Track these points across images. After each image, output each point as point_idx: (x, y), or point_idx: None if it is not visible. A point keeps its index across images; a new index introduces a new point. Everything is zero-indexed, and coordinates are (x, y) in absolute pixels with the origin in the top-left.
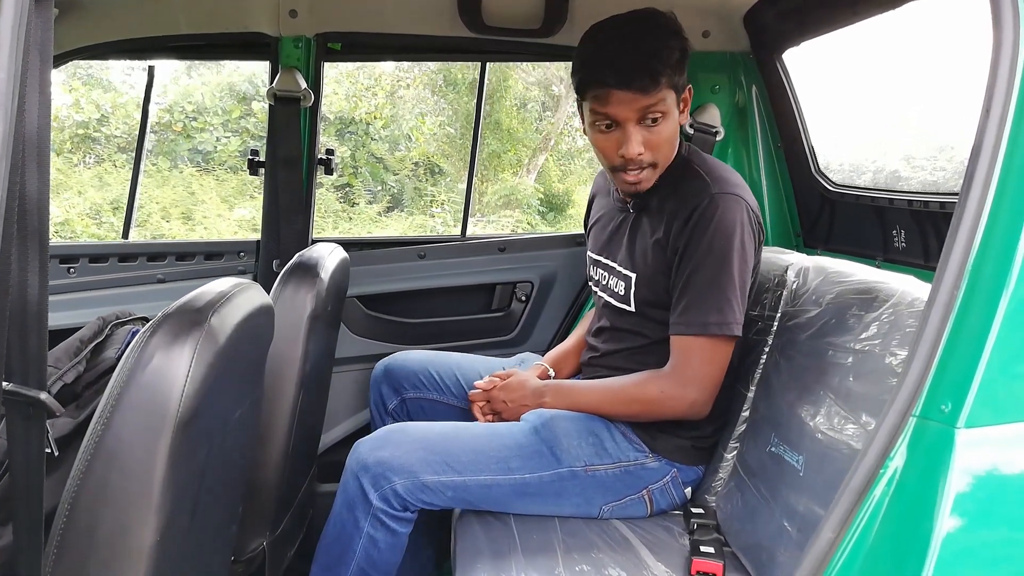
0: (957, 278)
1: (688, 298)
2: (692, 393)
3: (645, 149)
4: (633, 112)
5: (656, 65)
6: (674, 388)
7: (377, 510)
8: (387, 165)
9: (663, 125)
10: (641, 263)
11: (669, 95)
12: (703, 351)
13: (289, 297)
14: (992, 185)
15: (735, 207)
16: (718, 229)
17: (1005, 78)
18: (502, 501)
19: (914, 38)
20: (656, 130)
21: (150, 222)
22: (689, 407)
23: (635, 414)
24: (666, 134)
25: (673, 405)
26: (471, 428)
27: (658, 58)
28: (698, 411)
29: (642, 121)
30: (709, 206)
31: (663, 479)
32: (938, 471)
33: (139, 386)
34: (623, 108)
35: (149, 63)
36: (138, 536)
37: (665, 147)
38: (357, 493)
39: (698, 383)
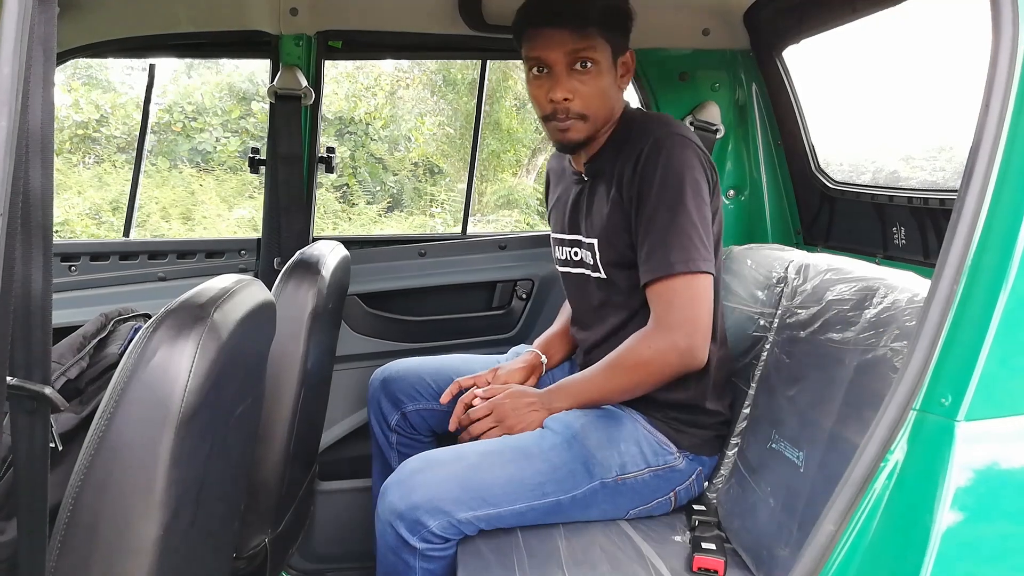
0: (957, 272)
1: (649, 244)
2: (680, 340)
3: (573, 96)
4: (561, 54)
5: (586, 8)
6: (660, 340)
7: (423, 550)
8: (387, 165)
9: (593, 74)
10: (600, 226)
11: (601, 45)
12: (676, 293)
13: (290, 295)
14: (991, 180)
15: (681, 145)
16: (667, 168)
17: (1004, 73)
18: (532, 521)
19: (914, 36)
20: (586, 78)
21: (149, 222)
22: (681, 356)
23: (640, 382)
24: (597, 85)
25: (666, 359)
26: (502, 455)
27: (591, 3)
28: (693, 358)
29: (572, 66)
30: (654, 147)
31: (689, 479)
32: (938, 464)
33: (142, 382)
34: (552, 47)
35: (150, 62)
36: (141, 531)
37: (595, 99)
38: (396, 540)
39: (681, 328)
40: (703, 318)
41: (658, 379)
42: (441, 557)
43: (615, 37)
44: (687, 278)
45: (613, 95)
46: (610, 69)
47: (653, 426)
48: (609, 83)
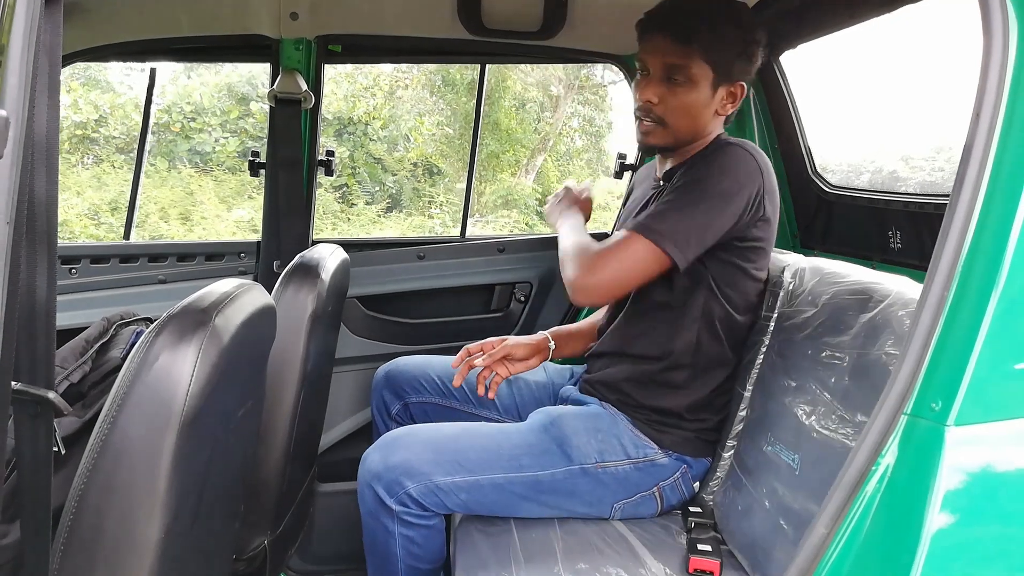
0: (948, 278)
1: (649, 211)
2: (582, 275)
3: (659, 101)
4: (659, 62)
5: (696, 25)
6: (580, 264)
7: (399, 513)
8: (386, 166)
9: (685, 90)
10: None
11: (699, 65)
12: (625, 246)
13: (290, 298)
14: (982, 187)
15: (740, 155)
16: (711, 167)
17: (995, 83)
18: (516, 503)
19: (910, 41)
20: (676, 90)
21: (148, 222)
22: (570, 285)
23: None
24: (684, 100)
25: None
26: (479, 428)
27: (702, 21)
28: (574, 293)
29: (667, 76)
30: (713, 150)
31: (674, 475)
32: (928, 468)
33: (145, 385)
34: (651, 54)
35: (150, 65)
36: (143, 533)
37: (680, 112)
38: (375, 502)
39: (594, 267)
40: (622, 280)
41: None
42: (421, 525)
43: (720, 64)
44: (645, 243)
45: (703, 115)
46: (707, 91)
47: (634, 424)
48: (701, 102)
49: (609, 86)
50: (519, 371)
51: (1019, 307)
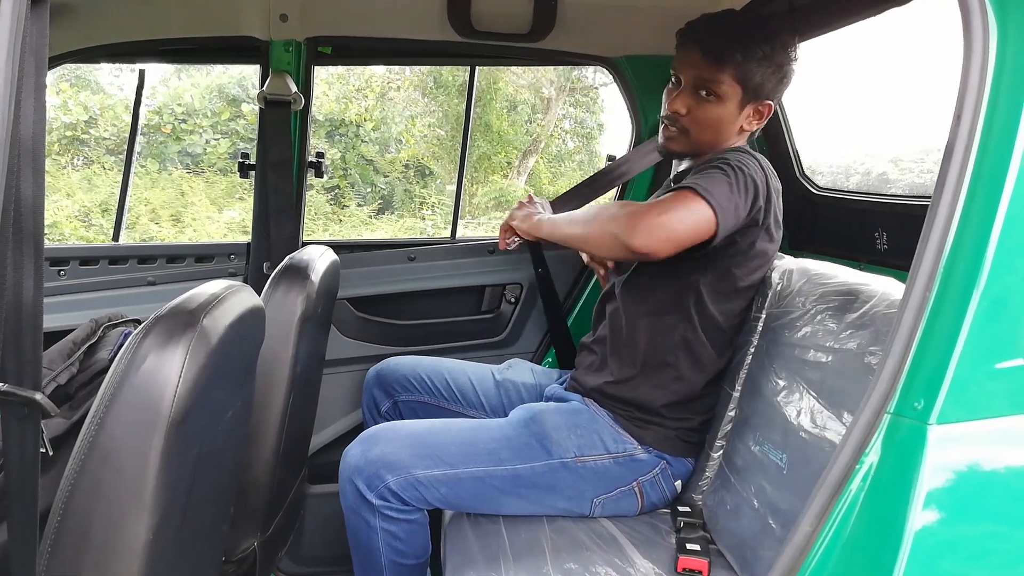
0: (929, 279)
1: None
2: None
3: (686, 112)
4: (690, 75)
5: (732, 46)
6: (627, 214)
7: (380, 508)
8: (377, 167)
9: (712, 105)
10: None
11: (730, 83)
12: (683, 200)
13: (280, 299)
14: (963, 189)
15: (752, 158)
16: (728, 157)
17: (975, 86)
18: (496, 497)
19: (899, 43)
20: (704, 105)
21: (139, 224)
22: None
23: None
24: (711, 113)
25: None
26: (459, 423)
27: (739, 44)
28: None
29: (696, 89)
30: (727, 151)
31: (653, 471)
32: (911, 466)
33: (132, 386)
34: (684, 66)
35: (140, 66)
36: (131, 534)
37: (705, 126)
38: (356, 496)
39: (644, 219)
40: (671, 227)
41: (601, 240)
42: (402, 520)
43: (750, 84)
44: (691, 195)
45: (726, 130)
46: (734, 107)
47: (615, 420)
48: (727, 118)
49: (600, 88)
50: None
51: (1000, 306)
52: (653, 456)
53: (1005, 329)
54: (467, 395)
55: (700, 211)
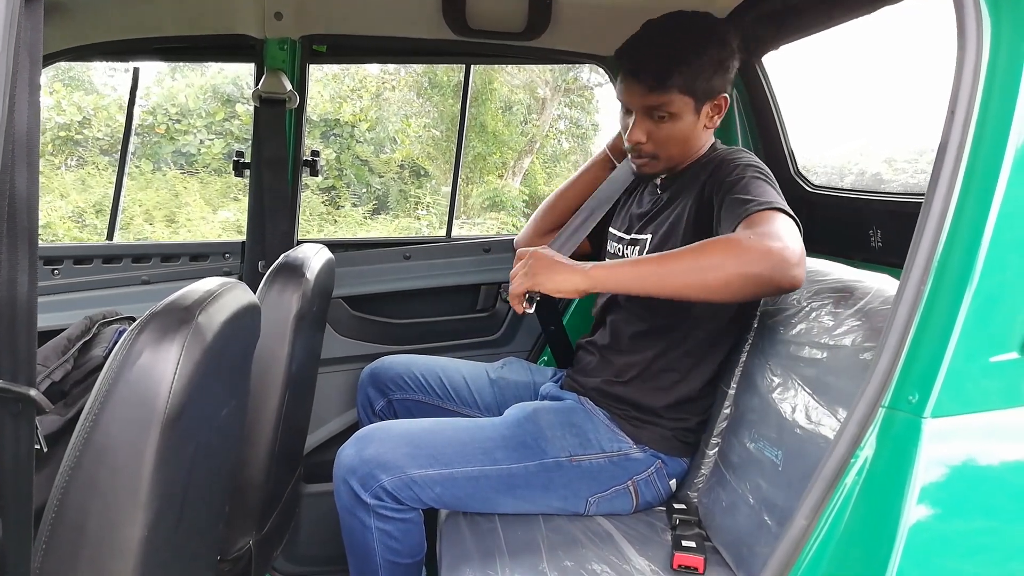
0: (924, 273)
1: (735, 199)
2: (777, 244)
3: (647, 139)
4: (637, 104)
5: (669, 67)
6: (760, 238)
7: (375, 507)
8: (372, 167)
9: (669, 124)
10: (658, 226)
11: (679, 99)
12: (771, 218)
13: (275, 297)
14: (957, 184)
15: (756, 158)
16: (741, 163)
17: (969, 80)
18: (491, 496)
19: (893, 44)
20: (662, 125)
21: (133, 224)
22: (778, 255)
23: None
24: (672, 132)
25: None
26: (454, 423)
27: (674, 61)
28: (788, 264)
29: (648, 113)
30: (729, 156)
31: (648, 470)
32: (906, 459)
33: (127, 383)
34: (631, 98)
35: (134, 65)
36: (126, 532)
37: (670, 145)
38: (351, 497)
39: (779, 238)
40: (796, 238)
41: (742, 263)
42: (397, 519)
43: (699, 90)
44: (773, 212)
45: (692, 138)
46: (690, 117)
47: (611, 419)
48: (688, 128)
49: (595, 88)
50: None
51: (994, 300)
52: (648, 455)
53: (999, 323)
54: (461, 393)
55: (793, 225)
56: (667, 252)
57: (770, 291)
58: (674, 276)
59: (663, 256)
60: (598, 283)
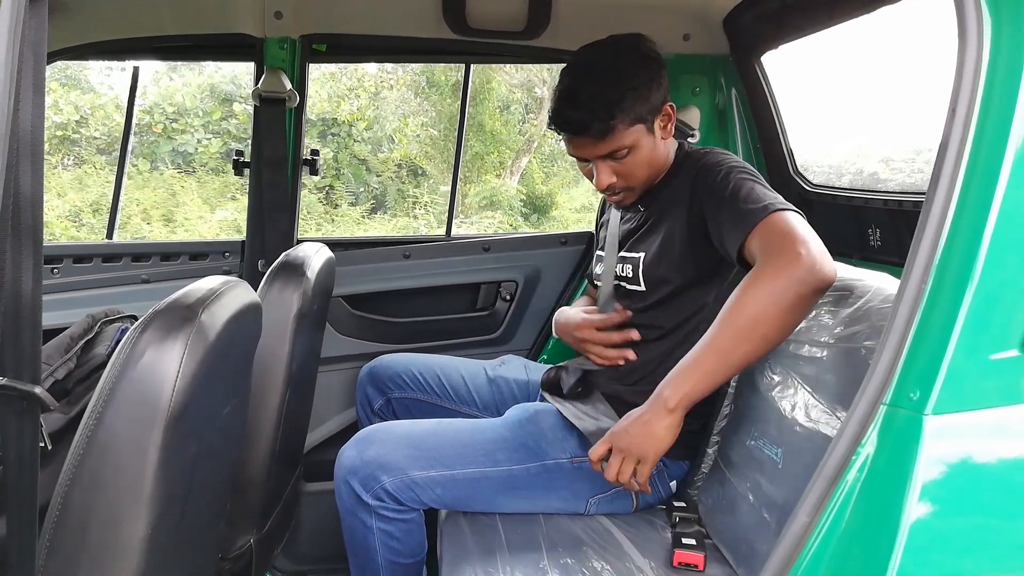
0: (925, 271)
1: (734, 209)
2: (801, 250)
3: (617, 177)
4: (593, 154)
5: (608, 113)
6: (776, 260)
7: (376, 508)
8: (370, 166)
9: (631, 157)
10: (648, 244)
11: (630, 132)
12: (778, 225)
13: (275, 296)
14: (958, 182)
15: (735, 158)
16: (723, 167)
17: (970, 79)
18: (491, 496)
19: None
20: (625, 162)
21: (131, 224)
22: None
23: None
24: (636, 162)
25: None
26: (455, 424)
27: (609, 105)
28: (818, 266)
29: (606, 158)
30: (707, 158)
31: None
32: (907, 457)
33: (131, 381)
34: (584, 150)
35: (133, 64)
36: (130, 529)
37: (638, 172)
38: (352, 497)
39: (791, 246)
40: (811, 236)
41: (780, 296)
42: (399, 520)
43: (645, 114)
44: (778, 215)
45: (657, 157)
46: (647, 141)
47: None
48: (649, 151)
49: None
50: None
51: (995, 298)
52: None
53: (999, 320)
54: (459, 392)
55: (797, 218)
56: (710, 333)
57: (819, 295)
58: (734, 351)
59: (710, 340)
60: (681, 406)
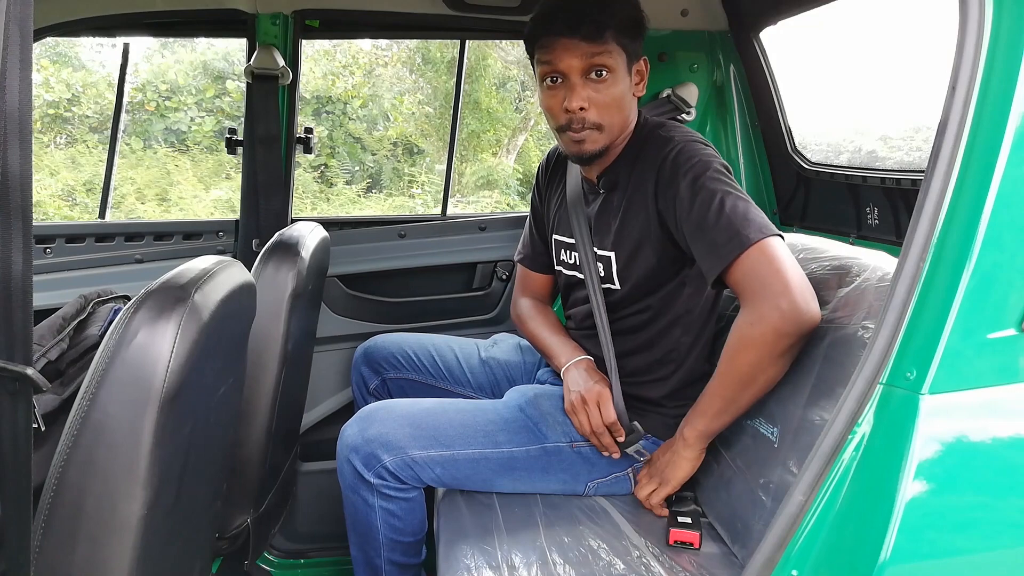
0: (923, 251)
1: (705, 241)
2: (778, 301)
3: (589, 105)
4: (578, 61)
5: (603, 16)
6: (755, 312)
7: (378, 486)
8: (365, 145)
9: (609, 83)
10: (618, 241)
11: (617, 53)
12: (750, 266)
13: (270, 276)
14: (957, 161)
15: (701, 148)
16: (693, 169)
17: (971, 56)
18: (490, 477)
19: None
20: (601, 87)
21: (125, 203)
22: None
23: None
24: (613, 94)
25: (769, 324)
26: (456, 404)
27: (607, 11)
28: (799, 315)
29: (587, 74)
30: (675, 154)
31: (647, 457)
32: (903, 435)
33: (124, 362)
34: (567, 56)
35: (124, 40)
36: (125, 510)
37: (612, 109)
38: (354, 475)
39: (770, 290)
40: (791, 274)
41: (771, 350)
42: (400, 498)
43: (630, 45)
44: (756, 248)
45: (628, 104)
46: (625, 77)
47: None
48: (624, 91)
49: None
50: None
51: (992, 277)
52: (649, 443)
53: (996, 299)
54: (453, 372)
55: (779, 250)
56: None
57: (805, 335)
58: (739, 397)
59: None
60: (698, 443)
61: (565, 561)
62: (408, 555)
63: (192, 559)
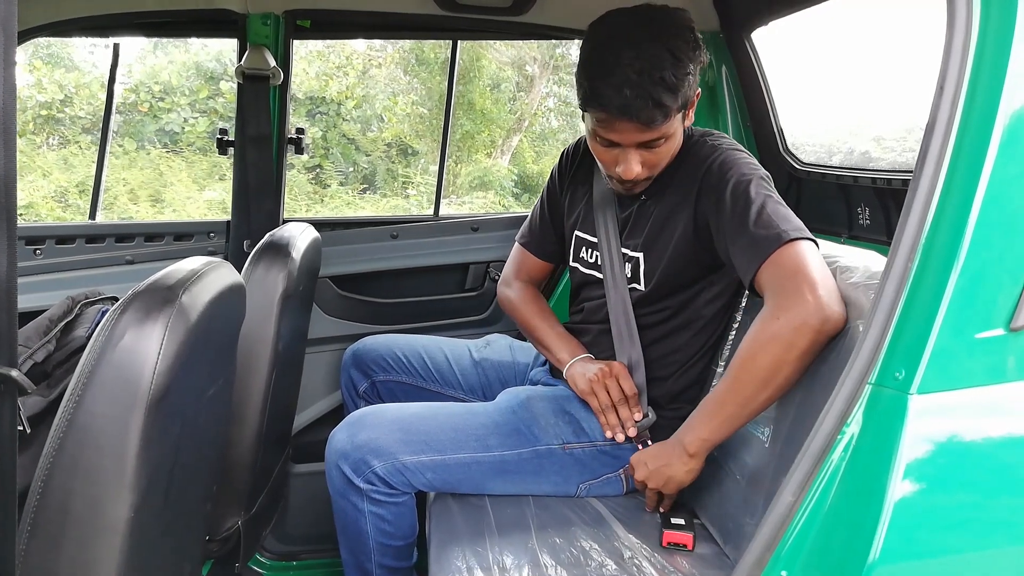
0: (911, 251)
1: (748, 235)
2: (806, 298)
3: (643, 168)
4: (636, 137)
5: (669, 100)
6: (783, 309)
7: (367, 491)
8: (359, 146)
9: (664, 146)
10: (649, 243)
11: (676, 118)
12: (782, 266)
13: (260, 277)
14: (945, 161)
15: (746, 157)
16: (738, 174)
17: (958, 57)
18: (482, 481)
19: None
20: (657, 151)
21: (117, 204)
22: (812, 315)
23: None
24: (666, 152)
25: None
26: (447, 408)
27: (673, 91)
28: (827, 314)
29: (643, 146)
30: (721, 160)
31: None
32: (892, 435)
33: (111, 363)
34: (626, 136)
35: (114, 40)
36: (112, 512)
37: (664, 161)
38: (343, 481)
39: (800, 290)
40: (821, 276)
41: (793, 344)
42: (390, 503)
43: (692, 95)
44: (793, 245)
45: (680, 144)
46: (680, 127)
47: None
48: (679, 139)
49: None
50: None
51: (981, 277)
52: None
53: (984, 299)
54: (444, 374)
55: (811, 253)
56: (729, 382)
57: (828, 335)
58: (754, 400)
59: (729, 389)
60: (701, 452)
61: (557, 562)
62: (399, 559)
63: (182, 561)
